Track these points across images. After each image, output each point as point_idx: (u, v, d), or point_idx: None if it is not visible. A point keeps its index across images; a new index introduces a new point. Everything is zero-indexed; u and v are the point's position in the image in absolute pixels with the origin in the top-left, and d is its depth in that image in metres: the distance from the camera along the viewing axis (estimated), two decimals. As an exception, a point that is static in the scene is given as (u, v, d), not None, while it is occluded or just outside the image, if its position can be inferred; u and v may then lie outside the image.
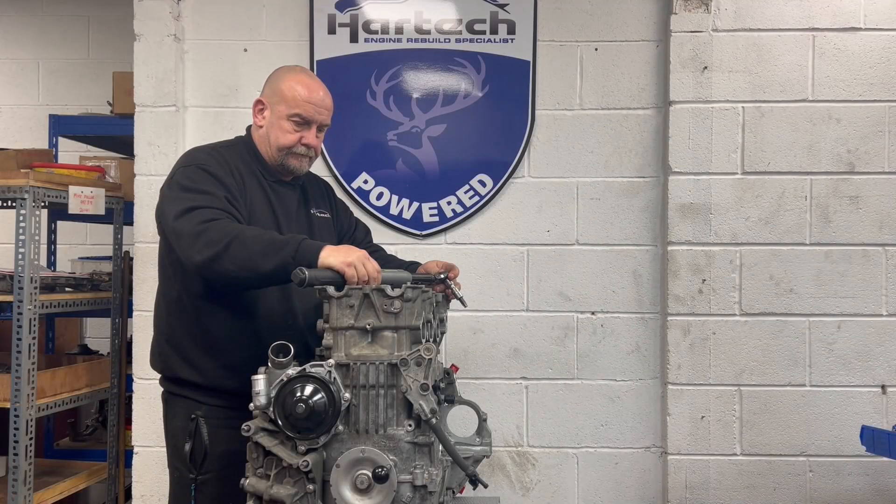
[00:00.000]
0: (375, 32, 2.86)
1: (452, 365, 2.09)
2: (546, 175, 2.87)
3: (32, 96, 4.55)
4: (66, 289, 3.03)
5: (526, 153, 2.86)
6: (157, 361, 1.98)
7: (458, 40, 2.86)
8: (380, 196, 2.88)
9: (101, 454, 3.24)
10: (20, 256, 2.66)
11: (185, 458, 1.85)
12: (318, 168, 2.70)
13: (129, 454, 3.04)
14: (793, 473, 2.79)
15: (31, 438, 2.68)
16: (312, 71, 2.80)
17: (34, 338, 2.69)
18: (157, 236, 1.98)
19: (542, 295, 2.86)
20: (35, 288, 2.70)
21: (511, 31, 2.84)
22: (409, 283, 1.62)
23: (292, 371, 1.46)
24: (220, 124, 2.85)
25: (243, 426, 1.46)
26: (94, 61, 4.49)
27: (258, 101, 2.03)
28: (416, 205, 2.87)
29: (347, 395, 1.48)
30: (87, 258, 3.78)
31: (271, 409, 1.45)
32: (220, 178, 1.86)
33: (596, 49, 2.85)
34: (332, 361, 1.48)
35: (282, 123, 1.96)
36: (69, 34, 4.55)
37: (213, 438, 1.84)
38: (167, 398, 1.97)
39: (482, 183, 2.86)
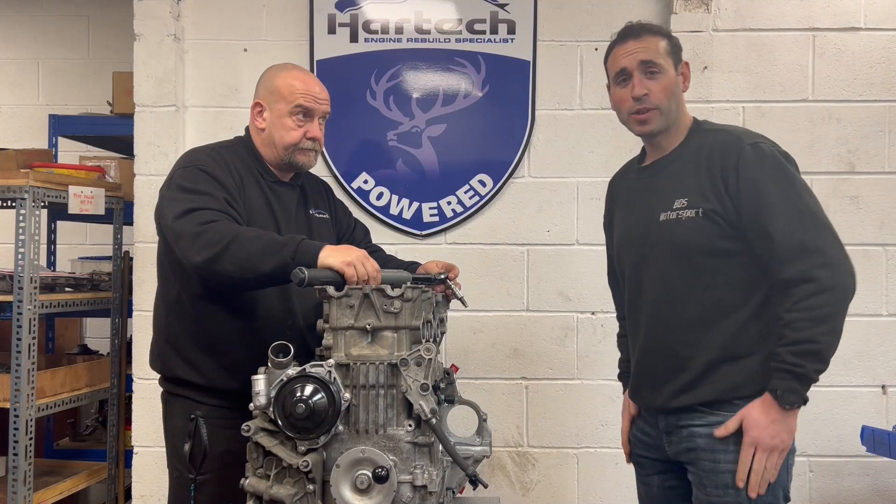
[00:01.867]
0: (375, 32, 2.86)
1: (452, 365, 2.08)
2: (546, 175, 2.87)
3: (32, 96, 4.55)
4: (66, 289, 3.03)
5: (526, 153, 2.86)
6: (157, 362, 1.98)
7: (458, 40, 2.86)
8: (380, 196, 2.87)
9: (101, 454, 3.24)
10: (20, 256, 2.66)
11: (184, 459, 1.84)
12: (318, 168, 2.69)
13: (129, 454, 3.04)
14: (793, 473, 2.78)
15: (30, 438, 2.68)
16: (312, 71, 2.80)
17: (34, 338, 2.69)
18: (156, 236, 1.98)
19: (542, 295, 2.86)
20: (35, 288, 2.70)
21: (511, 30, 2.84)
22: (409, 283, 1.61)
23: (292, 371, 1.46)
24: (220, 124, 2.85)
25: (243, 426, 1.46)
26: (94, 61, 4.49)
27: (256, 104, 2.01)
28: (416, 205, 2.87)
29: (347, 395, 1.48)
30: (87, 258, 3.78)
31: (271, 409, 1.45)
32: (219, 179, 1.86)
33: (596, 49, 2.85)
34: (332, 361, 1.48)
35: (284, 121, 1.96)
36: (69, 34, 4.55)
37: (212, 438, 1.84)
38: (166, 398, 1.97)
39: (482, 183, 2.86)
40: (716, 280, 1.73)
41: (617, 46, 1.87)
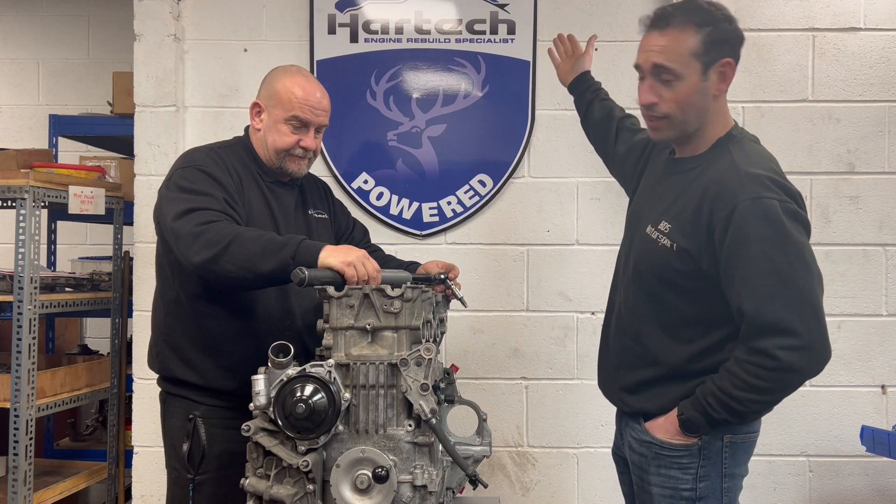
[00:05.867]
0: (375, 32, 2.86)
1: (452, 365, 2.08)
2: (546, 175, 2.87)
3: (32, 96, 4.55)
4: (66, 289, 3.04)
5: (526, 153, 2.86)
6: (155, 362, 1.98)
7: (458, 40, 2.86)
8: (380, 196, 2.87)
9: (101, 454, 3.25)
10: (20, 256, 2.66)
11: (182, 459, 1.84)
12: (318, 168, 2.70)
13: (129, 454, 3.04)
14: (793, 473, 2.79)
15: (31, 438, 2.68)
16: (312, 71, 2.80)
17: (34, 338, 2.69)
18: (156, 236, 1.98)
19: (542, 295, 2.86)
20: (35, 288, 2.70)
21: (511, 31, 2.84)
22: (409, 284, 1.61)
23: (292, 371, 1.46)
24: (220, 124, 2.85)
25: (243, 426, 1.46)
26: (94, 61, 4.49)
27: (255, 104, 2.01)
28: (416, 205, 2.87)
29: (347, 395, 1.48)
30: (87, 258, 3.78)
31: (271, 409, 1.45)
32: (218, 180, 1.86)
33: (596, 49, 2.83)
34: (332, 361, 1.48)
35: (279, 127, 1.95)
36: (69, 34, 4.55)
37: (210, 438, 1.84)
38: (165, 398, 1.97)
39: (482, 183, 2.86)
40: (670, 311, 1.66)
41: (644, 34, 1.66)
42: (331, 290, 1.56)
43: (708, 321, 1.62)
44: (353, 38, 2.86)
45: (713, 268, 1.57)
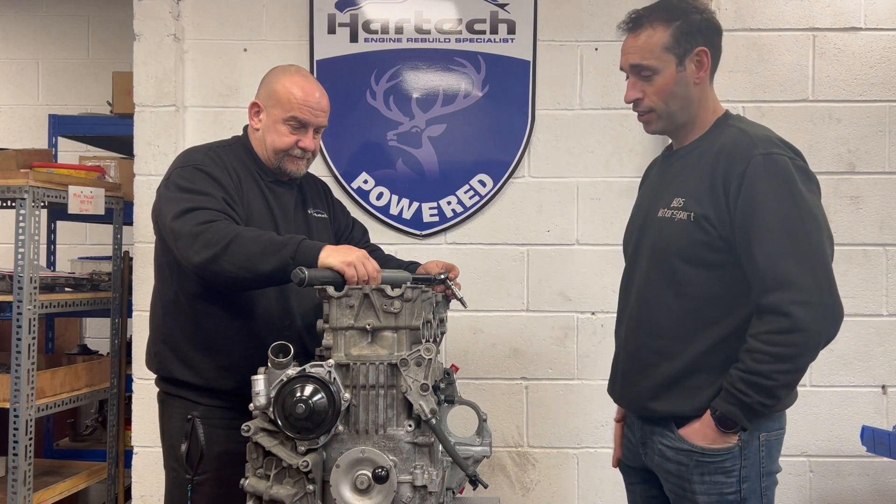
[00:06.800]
0: (375, 32, 2.86)
1: (452, 365, 2.08)
2: (546, 175, 2.87)
3: (32, 96, 4.55)
4: (66, 289, 3.04)
5: (526, 153, 2.86)
6: (153, 362, 1.97)
7: (458, 40, 2.86)
8: (380, 196, 2.87)
9: (101, 454, 3.25)
10: (20, 256, 2.66)
11: (181, 459, 1.84)
12: (318, 168, 2.70)
13: (128, 454, 3.04)
14: (793, 473, 2.79)
15: (30, 438, 2.68)
16: (312, 71, 2.80)
17: (34, 338, 2.69)
18: (155, 236, 1.98)
19: (542, 295, 2.86)
20: (35, 288, 2.70)
21: (511, 30, 2.84)
22: (409, 284, 1.61)
23: (292, 371, 1.46)
24: (220, 124, 2.85)
25: (243, 426, 1.46)
26: (94, 61, 4.49)
27: (254, 104, 2.00)
28: (416, 205, 2.87)
29: (347, 395, 1.48)
30: (87, 258, 3.78)
31: (271, 409, 1.45)
32: (217, 179, 1.86)
33: (596, 49, 2.85)
34: (331, 361, 1.48)
35: (278, 127, 1.94)
36: (69, 34, 4.55)
37: (209, 439, 1.83)
38: (163, 399, 1.97)
39: (482, 183, 2.86)
40: (691, 291, 1.65)
41: (623, 38, 1.79)
42: (331, 290, 1.56)
43: (729, 299, 1.63)
44: (353, 38, 2.86)
45: (732, 232, 1.60)
